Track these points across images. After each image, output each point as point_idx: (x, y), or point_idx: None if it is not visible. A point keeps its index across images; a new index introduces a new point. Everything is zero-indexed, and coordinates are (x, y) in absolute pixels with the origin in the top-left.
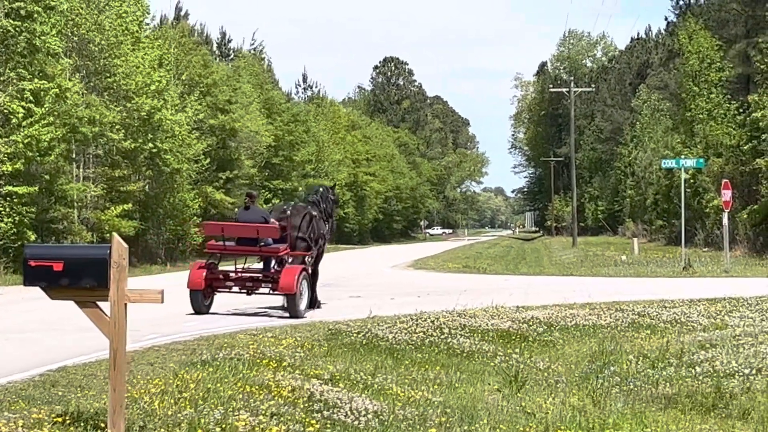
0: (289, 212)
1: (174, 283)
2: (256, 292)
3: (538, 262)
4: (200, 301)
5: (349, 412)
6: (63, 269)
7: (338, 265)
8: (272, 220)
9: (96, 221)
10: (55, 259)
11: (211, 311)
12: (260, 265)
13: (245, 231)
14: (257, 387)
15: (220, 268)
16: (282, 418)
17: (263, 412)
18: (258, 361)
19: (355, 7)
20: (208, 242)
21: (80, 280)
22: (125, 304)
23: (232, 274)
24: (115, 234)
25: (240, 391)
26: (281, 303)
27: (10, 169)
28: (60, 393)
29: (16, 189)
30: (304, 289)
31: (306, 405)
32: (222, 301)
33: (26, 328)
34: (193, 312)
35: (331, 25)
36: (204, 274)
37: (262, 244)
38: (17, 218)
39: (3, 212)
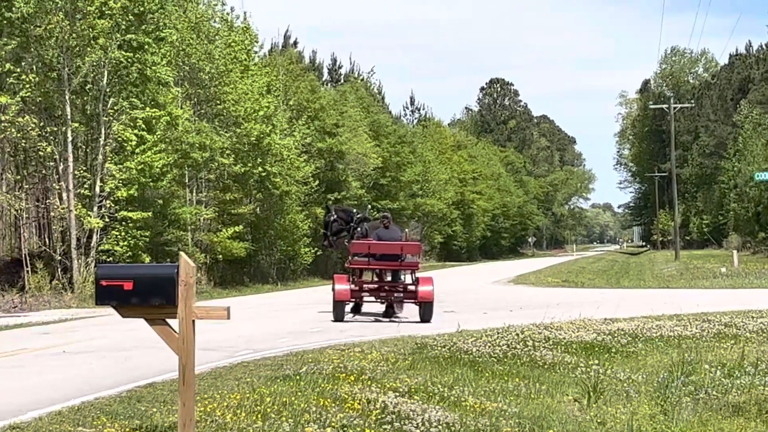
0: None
1: (282, 301)
2: (384, 301)
3: (639, 276)
4: (343, 311)
5: (420, 424)
6: (133, 288)
7: (439, 282)
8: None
9: (209, 243)
10: (125, 279)
11: (348, 319)
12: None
13: (390, 248)
14: (331, 400)
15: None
16: (350, 430)
17: (333, 424)
18: (338, 374)
19: (462, 31)
20: (353, 259)
21: (149, 298)
22: (193, 321)
23: (368, 286)
24: (182, 253)
25: (314, 404)
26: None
27: (124, 194)
28: (143, 408)
29: (130, 214)
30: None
31: (378, 417)
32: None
33: (122, 346)
34: (334, 320)
35: (439, 49)
36: (350, 287)
37: (402, 259)
38: (132, 242)
39: (119, 236)
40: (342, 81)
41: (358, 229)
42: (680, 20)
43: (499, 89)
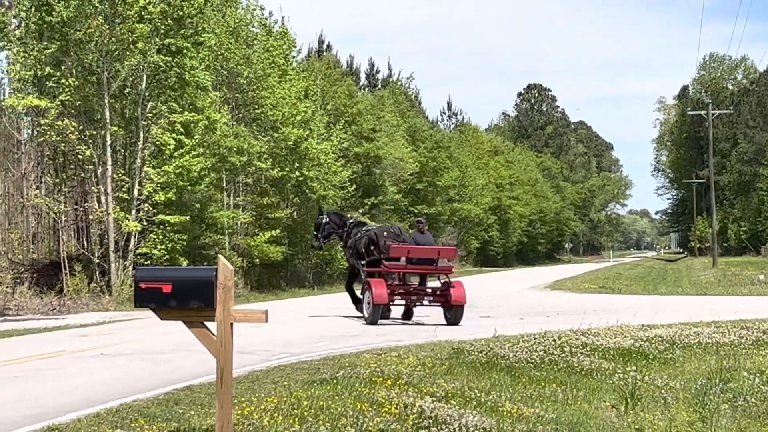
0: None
1: (319, 305)
2: (418, 304)
3: (677, 283)
4: (380, 314)
5: (457, 429)
6: (171, 291)
7: (475, 287)
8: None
9: (246, 247)
10: (164, 281)
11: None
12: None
13: (428, 252)
14: (368, 404)
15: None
16: None
17: (370, 428)
18: (375, 379)
19: (498, 36)
20: (388, 263)
21: (188, 301)
22: (231, 324)
23: (400, 290)
24: (221, 256)
25: (352, 408)
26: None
27: (162, 198)
28: (181, 411)
29: (168, 218)
30: None
31: (415, 422)
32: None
33: (159, 349)
34: (369, 323)
35: (476, 54)
36: (387, 291)
37: (437, 263)
38: (170, 245)
39: (156, 240)
40: (379, 86)
41: (357, 233)
42: (719, 26)
43: (536, 95)
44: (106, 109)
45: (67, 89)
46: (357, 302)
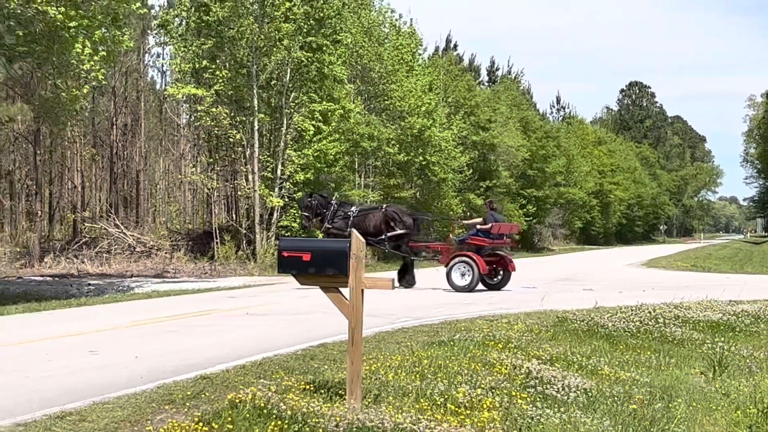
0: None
1: (438, 276)
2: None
3: (762, 263)
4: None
5: (560, 389)
6: (310, 259)
7: (578, 263)
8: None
9: None
10: (304, 251)
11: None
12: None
13: (507, 228)
14: (481, 364)
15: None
16: (497, 391)
17: (483, 385)
18: (487, 342)
19: (603, 38)
20: (475, 238)
21: (324, 268)
22: (362, 290)
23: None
24: (354, 230)
25: (466, 368)
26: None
27: (302, 178)
28: (315, 365)
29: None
30: None
31: (523, 381)
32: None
33: (299, 310)
34: (465, 291)
35: (582, 54)
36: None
37: (505, 237)
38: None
39: (296, 214)
40: (498, 81)
41: (348, 212)
42: None
43: (637, 91)
44: (254, 98)
45: (220, 80)
46: None
